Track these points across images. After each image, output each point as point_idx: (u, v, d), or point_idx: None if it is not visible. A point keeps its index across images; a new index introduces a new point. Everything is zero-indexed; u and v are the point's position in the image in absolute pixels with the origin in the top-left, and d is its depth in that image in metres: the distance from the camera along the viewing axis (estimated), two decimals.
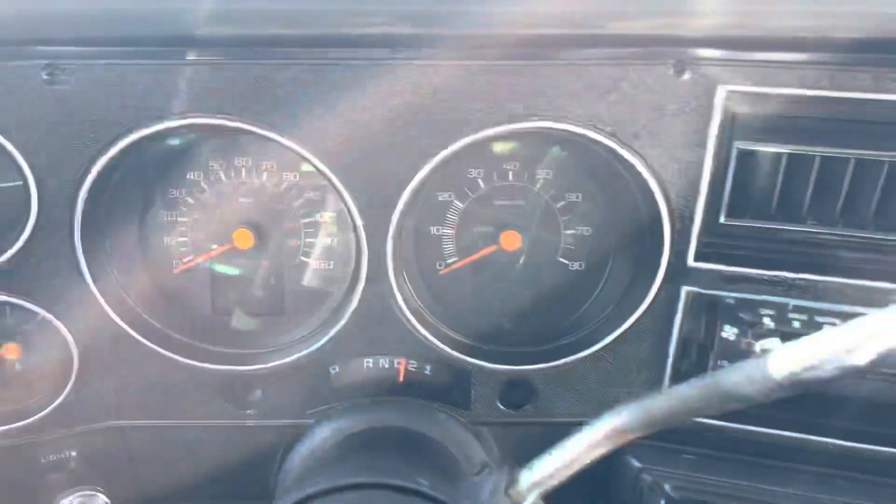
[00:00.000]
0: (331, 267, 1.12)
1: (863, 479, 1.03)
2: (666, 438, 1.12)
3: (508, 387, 1.10)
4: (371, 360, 1.14)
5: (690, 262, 0.98)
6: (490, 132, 0.91)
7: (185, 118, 0.89)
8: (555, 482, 0.77)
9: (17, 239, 0.93)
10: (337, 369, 1.12)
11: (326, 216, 1.10)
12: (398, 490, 0.75)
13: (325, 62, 0.88)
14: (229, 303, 1.13)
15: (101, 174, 0.92)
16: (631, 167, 0.93)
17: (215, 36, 0.84)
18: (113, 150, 0.90)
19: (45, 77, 0.86)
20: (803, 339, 0.57)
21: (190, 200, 1.08)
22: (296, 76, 0.88)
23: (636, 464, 1.12)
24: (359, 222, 0.96)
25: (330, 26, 0.85)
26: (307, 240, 1.11)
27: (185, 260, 1.10)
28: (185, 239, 1.09)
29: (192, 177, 1.07)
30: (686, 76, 0.88)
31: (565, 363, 1.06)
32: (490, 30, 0.84)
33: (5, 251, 0.94)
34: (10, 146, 0.88)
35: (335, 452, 1.00)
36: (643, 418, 0.71)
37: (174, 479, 1.16)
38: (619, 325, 1.04)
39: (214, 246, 1.09)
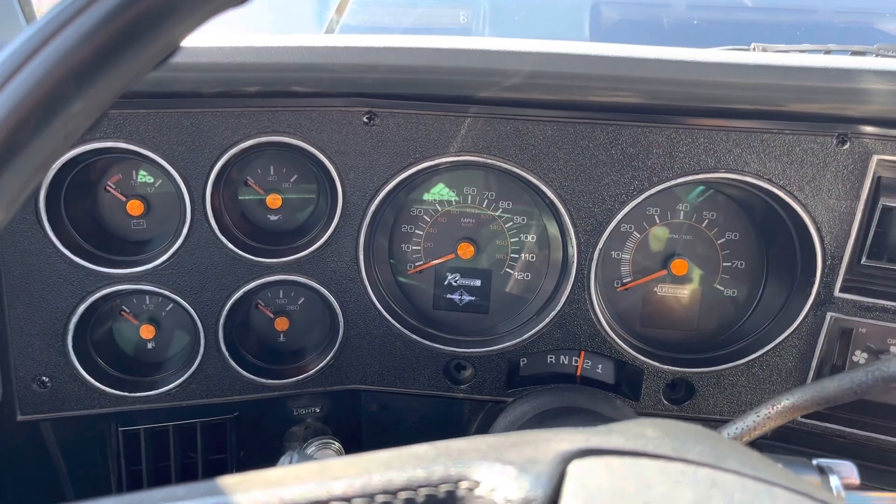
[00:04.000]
0: (528, 278, 1.40)
1: None
2: (787, 440, 1.35)
3: (671, 385, 1.35)
4: (553, 357, 1.42)
5: (836, 292, 1.22)
6: (689, 178, 1.18)
7: (458, 155, 1.20)
8: None
9: (319, 238, 1.25)
10: (525, 361, 1.41)
11: (530, 237, 1.39)
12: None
13: (566, 120, 1.17)
14: (446, 302, 1.42)
15: (387, 193, 1.23)
16: (794, 213, 1.19)
17: (490, 98, 1.15)
18: (402, 176, 1.21)
19: (364, 120, 1.18)
20: None
21: (426, 218, 1.38)
22: (543, 129, 1.18)
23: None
24: (573, 242, 1.25)
25: (574, 95, 1.15)
26: (512, 255, 1.40)
27: (418, 264, 1.40)
28: (418, 248, 1.40)
29: (429, 199, 1.37)
30: (846, 146, 1.14)
31: (722, 369, 1.31)
32: (698, 104, 1.12)
33: (308, 247, 1.26)
34: (330, 166, 1.20)
35: (537, 422, 1.27)
36: (815, 396, 0.95)
37: (388, 437, 1.46)
38: (771, 342, 1.27)
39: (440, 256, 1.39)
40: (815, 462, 0.83)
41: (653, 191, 1.20)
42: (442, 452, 0.58)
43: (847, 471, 0.83)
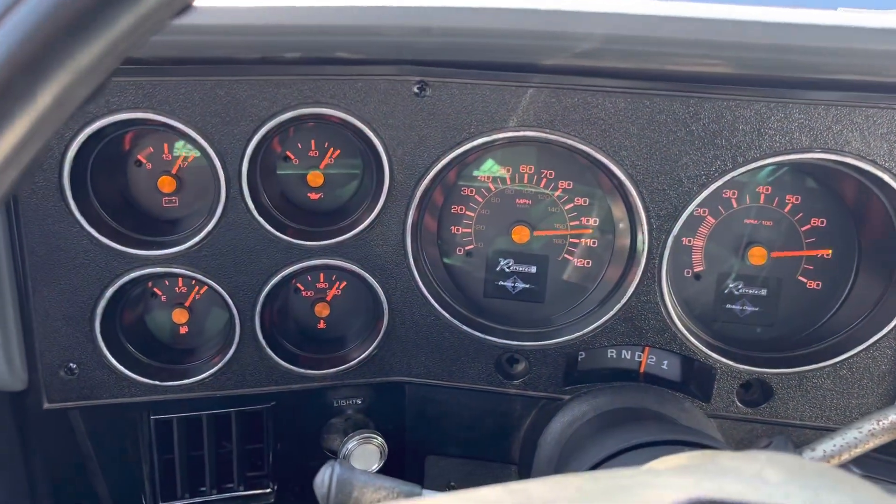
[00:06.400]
0: (589, 265, 1.29)
1: None
2: (889, 452, 1.22)
3: (745, 386, 1.23)
4: (614, 352, 1.31)
5: None
6: (779, 159, 1.05)
7: (518, 130, 1.08)
8: (835, 463, 0.90)
9: (364, 220, 1.14)
10: (584, 355, 1.30)
11: (591, 220, 1.27)
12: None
13: (641, 92, 1.05)
14: (497, 289, 1.31)
15: (436, 173, 1.12)
16: None
17: (556, 66, 1.02)
18: (455, 153, 1.10)
19: (415, 90, 1.07)
20: None
21: (478, 198, 1.27)
22: (615, 102, 1.05)
23: (856, 472, 1.23)
24: (644, 228, 1.13)
25: (652, 63, 1.02)
26: (571, 240, 1.28)
27: (468, 249, 1.29)
28: (469, 230, 1.29)
29: (482, 178, 1.26)
30: None
31: (805, 371, 1.18)
32: (795, 74, 0.98)
33: (352, 229, 1.15)
34: (377, 141, 1.09)
35: (597, 423, 1.16)
36: None
37: (433, 432, 1.36)
38: (863, 342, 1.14)
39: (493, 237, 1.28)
40: None
41: (737, 172, 1.07)
42: (521, 502, 0.47)
43: None
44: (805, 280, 1.24)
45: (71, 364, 1.16)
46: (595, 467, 0.93)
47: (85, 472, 1.32)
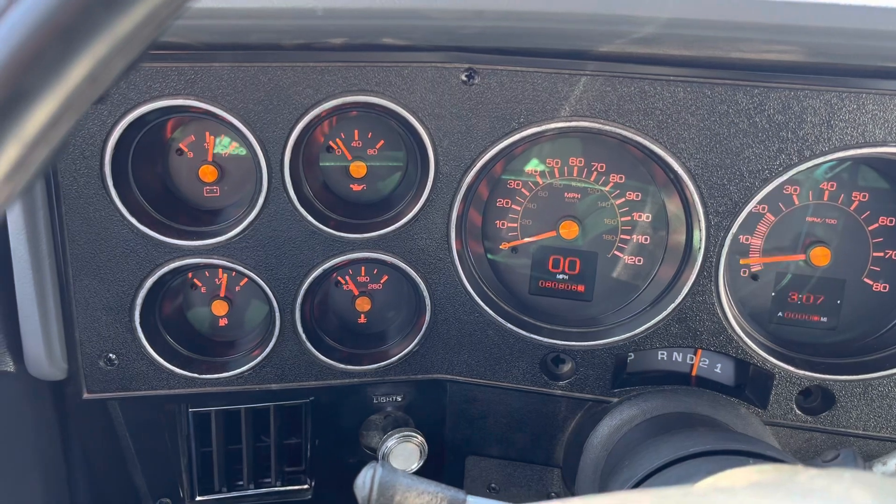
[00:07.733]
0: (640, 263, 1.23)
1: None
2: None
3: (804, 393, 1.17)
4: (664, 354, 1.25)
5: None
6: (850, 153, 0.98)
7: (570, 120, 1.03)
8: None
9: (407, 213, 1.11)
10: (633, 356, 1.25)
11: (644, 216, 1.21)
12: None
13: (702, 81, 0.99)
14: (543, 287, 1.26)
15: (483, 165, 1.08)
16: None
17: (612, 53, 0.97)
18: (503, 144, 1.05)
19: (463, 78, 1.03)
20: None
21: (525, 192, 1.22)
22: (674, 91, 1.00)
23: None
24: (701, 225, 1.07)
25: (716, 50, 0.96)
26: (622, 236, 1.23)
27: (513, 244, 1.25)
28: (514, 225, 1.24)
29: (529, 170, 1.21)
30: None
31: (871, 378, 1.11)
32: (872, 62, 0.92)
33: (395, 222, 1.12)
34: (422, 131, 1.05)
35: (647, 428, 1.11)
36: None
37: (474, 431, 1.32)
38: None
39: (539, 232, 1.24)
40: None
41: (803, 167, 1.01)
42: None
43: None
44: (871, 282, 1.17)
45: (111, 355, 1.15)
46: (649, 476, 0.88)
47: (123, 462, 1.31)
